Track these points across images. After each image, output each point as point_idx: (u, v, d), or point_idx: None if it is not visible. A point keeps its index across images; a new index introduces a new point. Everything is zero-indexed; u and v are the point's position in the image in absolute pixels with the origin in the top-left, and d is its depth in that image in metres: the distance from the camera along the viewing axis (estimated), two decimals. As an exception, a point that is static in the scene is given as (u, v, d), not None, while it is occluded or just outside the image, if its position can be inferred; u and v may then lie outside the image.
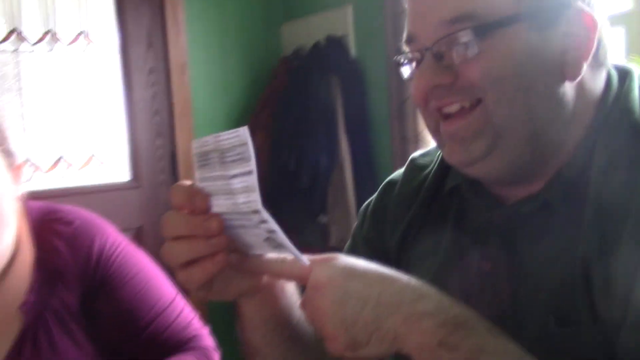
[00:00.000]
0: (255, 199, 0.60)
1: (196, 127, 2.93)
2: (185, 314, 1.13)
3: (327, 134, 2.58)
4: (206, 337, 1.14)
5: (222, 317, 2.63)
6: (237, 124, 2.94)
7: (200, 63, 2.95)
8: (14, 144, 1.08)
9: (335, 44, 2.70)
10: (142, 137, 2.85)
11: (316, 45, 2.74)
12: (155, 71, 2.87)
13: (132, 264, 1.11)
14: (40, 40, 2.65)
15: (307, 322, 0.74)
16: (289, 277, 0.69)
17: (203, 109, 2.94)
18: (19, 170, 1.08)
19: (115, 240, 1.12)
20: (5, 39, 2.57)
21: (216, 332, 1.19)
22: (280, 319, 0.75)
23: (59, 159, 2.66)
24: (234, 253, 0.67)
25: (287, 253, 0.64)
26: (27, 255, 1.05)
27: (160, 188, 2.89)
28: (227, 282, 0.69)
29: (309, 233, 2.53)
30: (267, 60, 3.04)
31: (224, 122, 2.98)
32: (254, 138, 0.59)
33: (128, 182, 2.85)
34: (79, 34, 2.74)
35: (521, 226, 0.71)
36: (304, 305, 0.66)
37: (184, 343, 1.10)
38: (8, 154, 1.05)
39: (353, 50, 2.67)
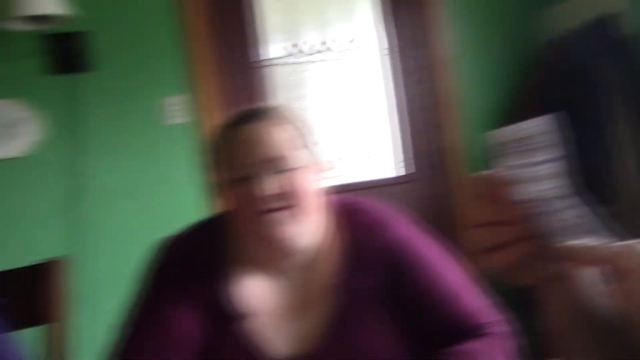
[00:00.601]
0: (563, 184, 0.62)
1: (464, 120, 2.96)
2: (480, 300, 1.16)
3: (603, 119, 2.43)
4: (502, 324, 1.15)
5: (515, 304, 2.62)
6: (505, 114, 2.91)
7: (464, 57, 2.97)
8: (316, 144, 1.23)
9: (607, 23, 2.52)
10: (413, 134, 2.97)
11: (585, 26, 2.60)
12: (422, 69, 2.97)
13: (426, 251, 1.18)
14: (318, 50, 2.92)
15: (616, 310, 0.73)
16: (595, 263, 0.68)
17: (470, 102, 2.97)
18: (322, 167, 1.22)
19: (409, 228, 1.20)
20: (288, 53, 2.89)
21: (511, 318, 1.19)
22: (584, 306, 0.75)
23: (338, 158, 2.91)
24: (538, 239, 0.69)
25: (593, 239, 0.65)
26: (333, 242, 1.18)
27: (431, 182, 2.98)
28: (530, 267, 0.71)
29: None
30: (532, 47, 2.95)
31: (492, 113, 2.96)
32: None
33: (401, 177, 2.99)
34: (351, 41, 2.96)
35: None
36: (615, 292, 0.66)
37: (480, 328, 1.12)
38: (313, 153, 1.19)
39: (628, 29, 2.48)
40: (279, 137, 1.14)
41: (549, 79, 2.71)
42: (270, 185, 1.10)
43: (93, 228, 2.60)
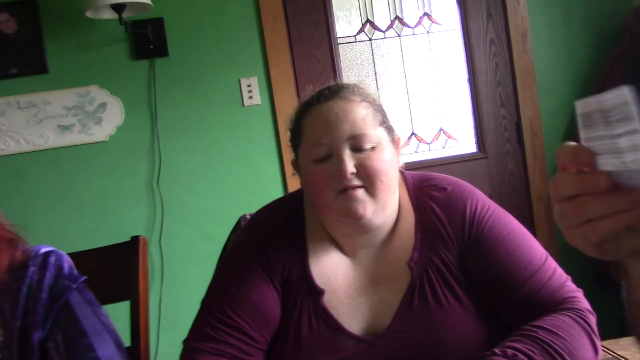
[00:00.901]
0: None
1: (540, 94, 2.88)
2: (558, 276, 1.14)
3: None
4: (581, 299, 1.12)
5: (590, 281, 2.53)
6: (584, 87, 2.81)
7: (541, 29, 2.88)
8: (392, 121, 1.22)
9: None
10: (486, 108, 2.91)
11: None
12: (496, 42, 2.90)
13: (504, 226, 1.16)
14: (390, 26, 2.89)
15: None
16: None
17: (546, 75, 2.88)
18: (399, 143, 1.22)
19: (486, 203, 1.19)
20: (361, 30, 2.88)
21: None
22: None
23: (411, 135, 2.89)
24: (626, 211, 0.67)
25: None
26: (409, 217, 1.18)
27: (506, 158, 2.92)
28: (619, 240, 0.69)
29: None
30: (615, 15, 2.83)
31: (570, 87, 2.87)
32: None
33: (475, 154, 2.94)
34: (423, 16, 2.91)
35: None
36: None
37: (558, 304, 1.10)
38: (389, 130, 1.19)
39: None
40: (357, 115, 1.14)
41: (633, 48, 2.59)
42: (350, 163, 1.10)
43: (173, 207, 2.70)
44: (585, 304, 1.12)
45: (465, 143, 2.96)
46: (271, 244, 1.19)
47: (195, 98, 2.71)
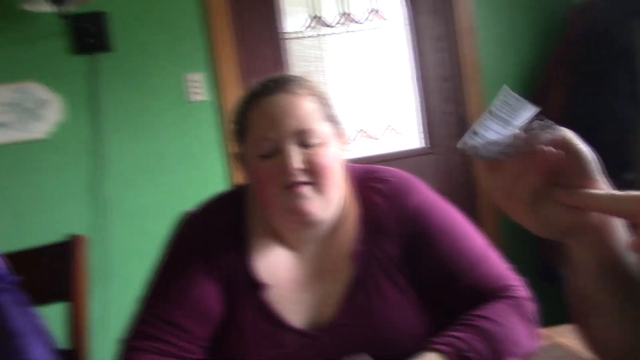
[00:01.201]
0: None
1: (486, 89, 2.92)
2: (499, 265, 1.15)
3: (631, 84, 2.37)
4: (521, 288, 1.14)
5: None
6: (529, 82, 2.86)
7: (487, 24, 2.92)
8: (339, 116, 1.21)
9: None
10: (433, 104, 2.94)
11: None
12: (443, 38, 2.93)
13: (446, 217, 1.16)
14: (338, 22, 2.89)
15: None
16: (619, 214, 0.66)
17: (492, 71, 2.92)
18: (344, 137, 1.21)
19: (428, 195, 1.19)
20: (308, 26, 2.86)
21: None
22: (615, 263, 0.72)
23: (359, 131, 2.89)
24: (560, 187, 0.67)
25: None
26: (353, 211, 1.17)
27: (453, 153, 2.95)
28: (553, 217, 0.69)
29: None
30: (559, 11, 2.89)
31: (515, 82, 2.91)
32: (549, 93, 0.61)
33: (422, 149, 2.96)
34: (371, 12, 2.92)
35: None
36: (635, 245, 0.63)
37: (499, 292, 1.12)
38: (335, 124, 1.18)
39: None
40: (304, 109, 1.12)
41: (576, 43, 2.65)
42: (296, 158, 1.08)
43: (116, 206, 2.63)
44: (524, 292, 1.14)
45: (412, 139, 2.98)
46: (212, 240, 1.16)
47: (140, 94, 2.65)
